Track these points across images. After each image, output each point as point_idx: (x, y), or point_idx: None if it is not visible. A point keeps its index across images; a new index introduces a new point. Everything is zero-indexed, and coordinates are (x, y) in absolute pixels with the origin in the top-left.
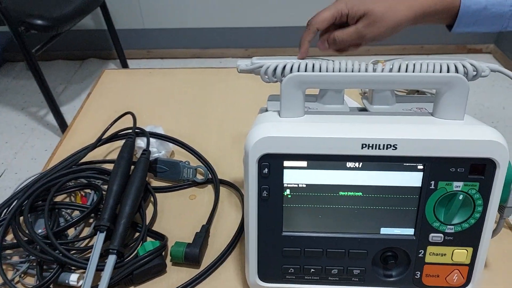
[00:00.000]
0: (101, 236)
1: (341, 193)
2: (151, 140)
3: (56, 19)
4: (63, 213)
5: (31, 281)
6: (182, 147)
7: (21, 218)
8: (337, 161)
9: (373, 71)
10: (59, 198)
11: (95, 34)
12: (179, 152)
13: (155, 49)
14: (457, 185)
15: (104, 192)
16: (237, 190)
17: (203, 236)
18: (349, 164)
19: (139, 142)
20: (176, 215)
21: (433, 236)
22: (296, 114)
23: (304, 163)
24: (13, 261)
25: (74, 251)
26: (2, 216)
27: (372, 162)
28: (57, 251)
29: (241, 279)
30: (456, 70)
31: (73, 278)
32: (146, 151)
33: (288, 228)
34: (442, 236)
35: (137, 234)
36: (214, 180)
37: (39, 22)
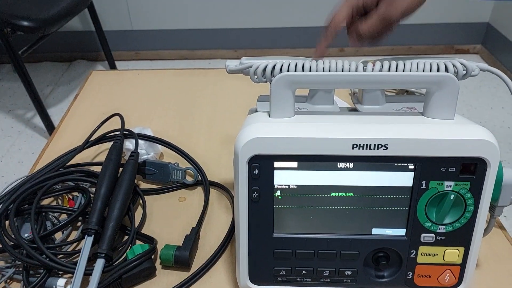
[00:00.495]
0: (89, 240)
1: (332, 193)
2: (139, 142)
3: (43, 20)
4: (50, 216)
5: (17, 286)
6: (171, 148)
7: (7, 222)
8: (328, 162)
9: (363, 70)
10: (46, 202)
11: (82, 36)
12: (168, 154)
13: (143, 51)
14: (448, 185)
15: (92, 195)
16: (227, 191)
17: (193, 238)
18: (340, 165)
19: (127, 144)
20: (166, 218)
21: (425, 236)
22: (286, 114)
23: (294, 164)
24: None
25: (61, 255)
26: None
27: (363, 163)
28: (43, 256)
29: (232, 282)
30: (446, 70)
31: (60, 283)
32: (135, 153)
33: (279, 229)
34: (433, 236)
35: (126, 237)
36: (204, 182)
37: (25, 23)
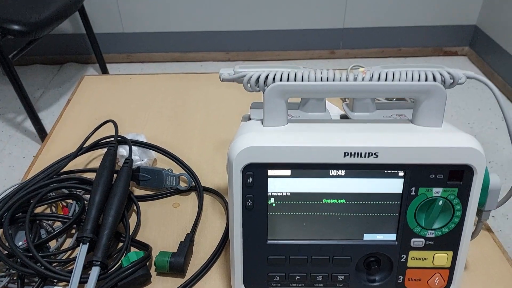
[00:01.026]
0: (84, 248)
1: (324, 200)
2: (133, 148)
3: (34, 24)
4: (44, 224)
5: None
6: (165, 154)
7: (0, 231)
8: (320, 170)
9: (354, 80)
10: (39, 209)
11: (73, 38)
12: (162, 160)
13: (135, 53)
14: (437, 191)
15: (86, 202)
16: (221, 197)
17: (187, 245)
18: (332, 172)
19: (121, 151)
20: (160, 224)
21: (415, 241)
22: (279, 122)
23: (288, 172)
24: None
25: (56, 264)
26: None
27: (354, 170)
28: (38, 264)
29: (227, 287)
30: (434, 79)
31: None
32: (129, 159)
33: (273, 236)
34: (423, 240)
35: (121, 244)
36: (198, 188)
37: (16, 27)
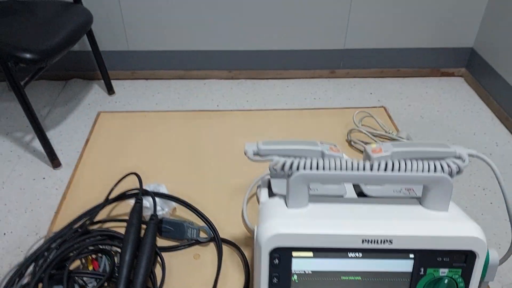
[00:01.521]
0: None
1: (343, 277)
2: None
3: (45, 51)
4: (76, 278)
5: None
6: (185, 206)
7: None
8: (340, 252)
9: (370, 169)
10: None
11: (79, 55)
12: (182, 209)
13: (139, 70)
14: (443, 271)
15: (114, 256)
16: (238, 249)
17: None
18: (351, 254)
19: (145, 202)
20: (183, 276)
21: None
22: (301, 205)
23: (310, 254)
24: None
25: None
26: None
27: (370, 253)
28: None
29: None
30: (442, 169)
31: None
32: (155, 216)
33: None
34: None
35: None
36: (217, 241)
37: (28, 56)
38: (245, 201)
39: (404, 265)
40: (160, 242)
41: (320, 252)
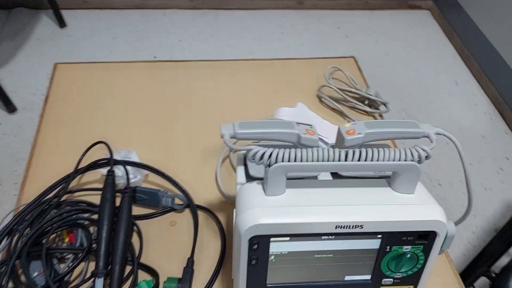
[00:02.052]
0: (100, 282)
1: (316, 256)
2: (127, 166)
3: None
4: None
5: None
6: (158, 174)
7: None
8: (315, 236)
9: (345, 159)
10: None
11: None
12: (155, 175)
13: None
14: (407, 248)
15: (89, 228)
16: (213, 215)
17: (190, 271)
18: (324, 237)
19: (116, 171)
20: (160, 244)
21: (385, 281)
22: (279, 192)
23: (287, 238)
24: None
25: None
26: None
27: (342, 235)
28: None
29: None
30: (412, 155)
31: None
32: (128, 188)
33: (271, 281)
34: (392, 280)
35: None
36: (192, 208)
37: None
38: (219, 166)
39: (372, 244)
40: (134, 210)
41: (296, 237)
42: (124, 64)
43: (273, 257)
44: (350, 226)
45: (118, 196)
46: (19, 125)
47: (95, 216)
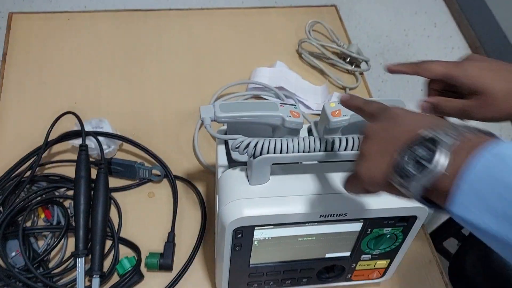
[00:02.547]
0: (81, 261)
1: (299, 239)
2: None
3: None
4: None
5: None
6: (132, 144)
7: None
8: (299, 224)
9: (331, 149)
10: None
11: None
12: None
13: None
14: (387, 230)
15: (64, 202)
16: (192, 185)
17: (172, 245)
18: (308, 224)
19: (89, 143)
20: (139, 217)
21: (364, 257)
22: (263, 181)
23: (271, 226)
24: None
25: (56, 278)
26: None
27: (326, 222)
28: (40, 284)
29: (210, 278)
30: None
31: None
32: (102, 164)
33: (254, 261)
34: (370, 256)
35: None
36: (171, 179)
37: None
38: (197, 133)
39: (354, 227)
40: (110, 181)
41: (281, 225)
42: (89, 15)
43: (256, 242)
44: (334, 215)
45: (93, 167)
46: None
47: (71, 192)
